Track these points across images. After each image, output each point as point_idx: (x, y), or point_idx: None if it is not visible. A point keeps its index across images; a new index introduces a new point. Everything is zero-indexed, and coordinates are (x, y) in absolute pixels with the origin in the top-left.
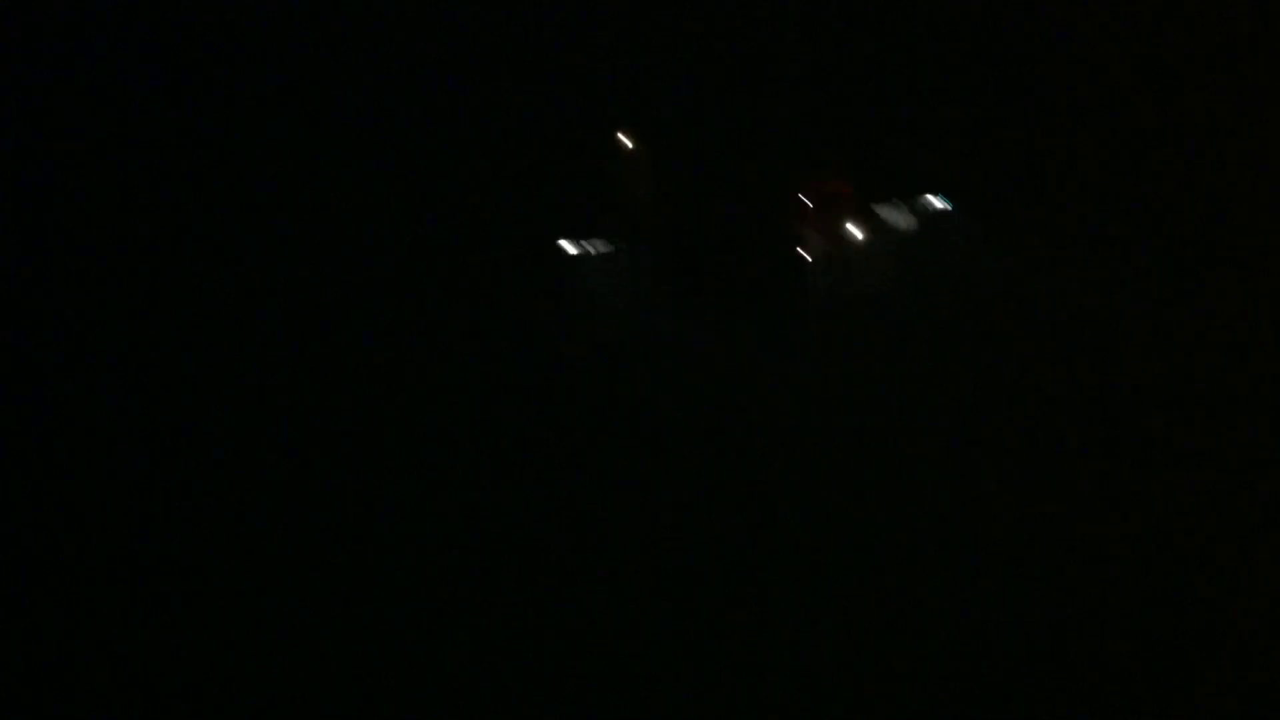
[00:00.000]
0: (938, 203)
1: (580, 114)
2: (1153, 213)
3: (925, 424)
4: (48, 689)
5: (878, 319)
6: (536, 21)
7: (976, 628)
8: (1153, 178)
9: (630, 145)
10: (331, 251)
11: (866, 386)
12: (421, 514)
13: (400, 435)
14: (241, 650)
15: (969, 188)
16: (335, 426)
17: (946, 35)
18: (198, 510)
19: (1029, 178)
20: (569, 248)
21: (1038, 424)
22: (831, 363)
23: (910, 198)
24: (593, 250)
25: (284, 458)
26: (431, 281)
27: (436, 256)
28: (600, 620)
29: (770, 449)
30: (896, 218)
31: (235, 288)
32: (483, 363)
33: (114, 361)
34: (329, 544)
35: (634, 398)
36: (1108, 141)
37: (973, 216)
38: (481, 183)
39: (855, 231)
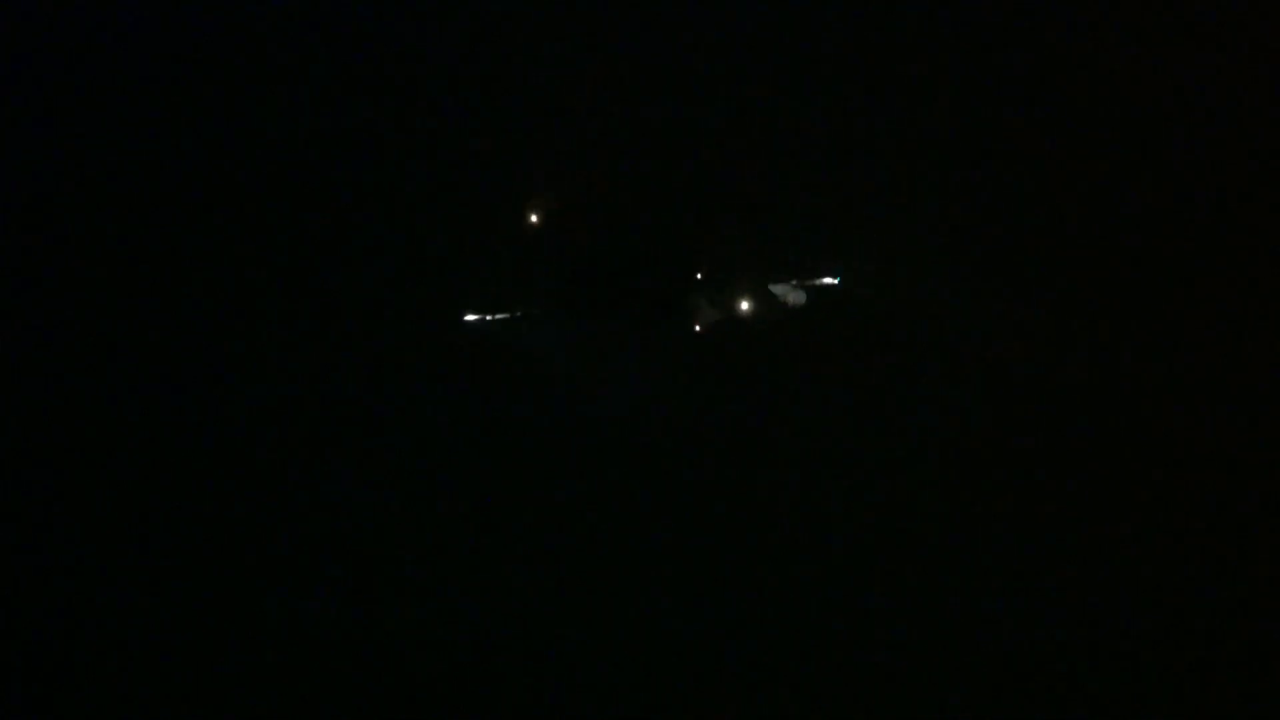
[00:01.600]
0: (829, 280)
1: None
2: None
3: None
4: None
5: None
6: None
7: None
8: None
9: (535, 217)
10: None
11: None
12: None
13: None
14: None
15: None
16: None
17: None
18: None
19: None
20: (470, 317)
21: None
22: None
23: (803, 277)
24: (490, 318)
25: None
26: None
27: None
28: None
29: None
30: (789, 294)
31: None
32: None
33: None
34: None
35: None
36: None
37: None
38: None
39: (747, 306)
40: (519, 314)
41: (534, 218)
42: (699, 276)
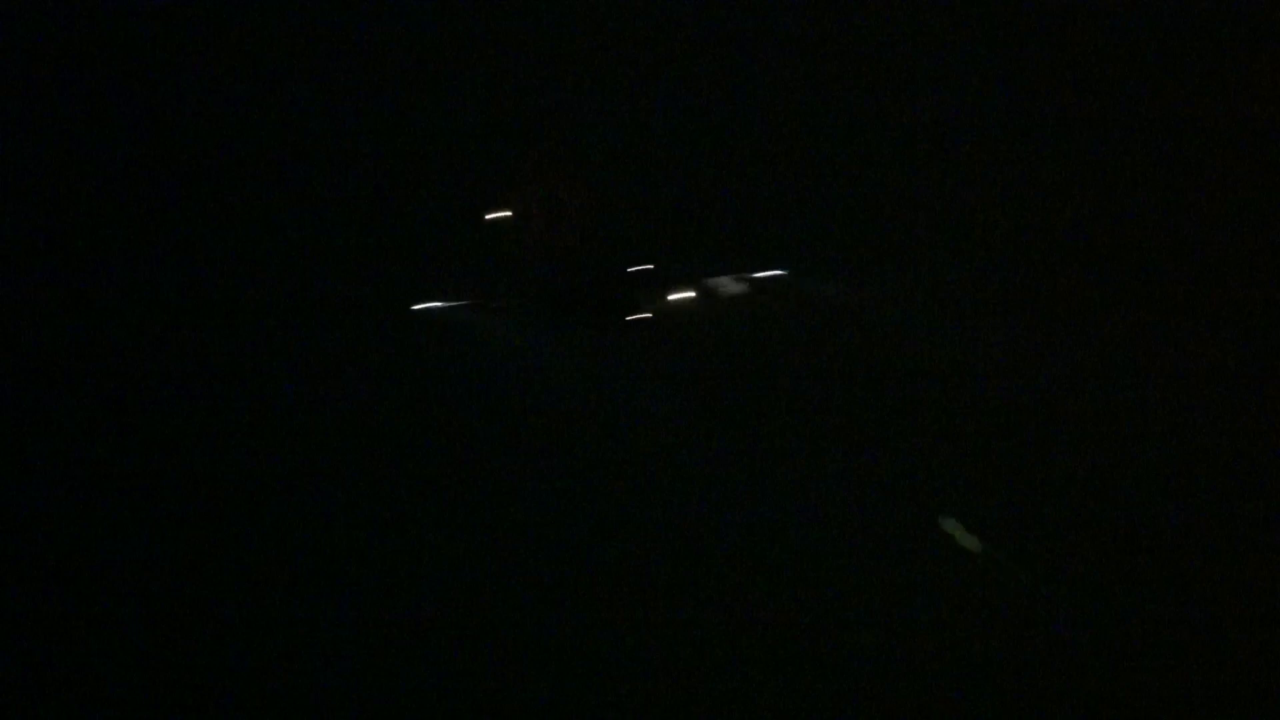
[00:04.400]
0: (776, 271)
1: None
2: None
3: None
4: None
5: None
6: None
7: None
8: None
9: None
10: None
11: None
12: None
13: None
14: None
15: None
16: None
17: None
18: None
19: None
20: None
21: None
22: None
23: (746, 269)
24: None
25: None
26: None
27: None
28: None
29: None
30: (728, 286)
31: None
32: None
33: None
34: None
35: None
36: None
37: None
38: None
39: (680, 298)
40: (472, 303)
41: (505, 212)
42: (634, 269)
